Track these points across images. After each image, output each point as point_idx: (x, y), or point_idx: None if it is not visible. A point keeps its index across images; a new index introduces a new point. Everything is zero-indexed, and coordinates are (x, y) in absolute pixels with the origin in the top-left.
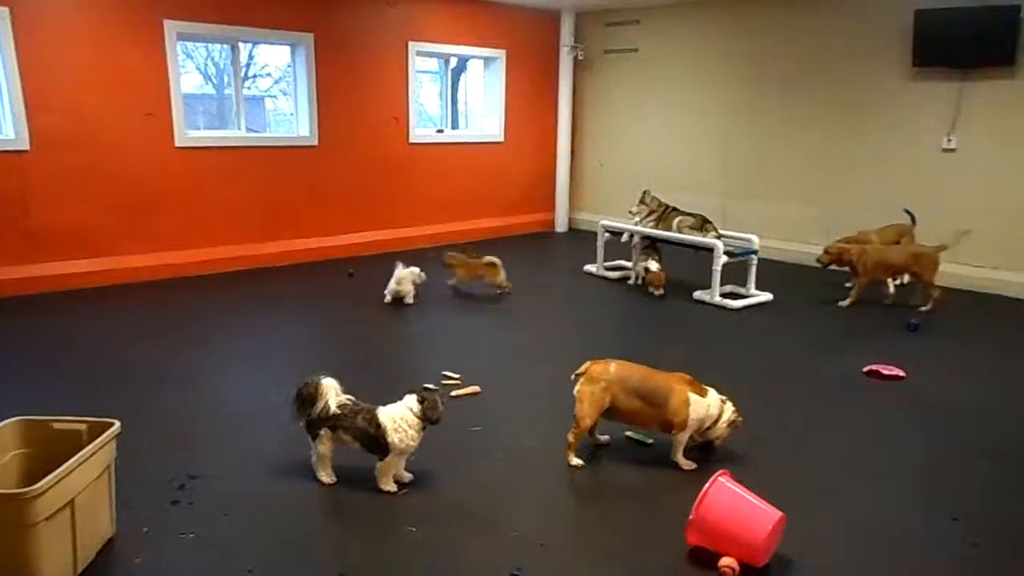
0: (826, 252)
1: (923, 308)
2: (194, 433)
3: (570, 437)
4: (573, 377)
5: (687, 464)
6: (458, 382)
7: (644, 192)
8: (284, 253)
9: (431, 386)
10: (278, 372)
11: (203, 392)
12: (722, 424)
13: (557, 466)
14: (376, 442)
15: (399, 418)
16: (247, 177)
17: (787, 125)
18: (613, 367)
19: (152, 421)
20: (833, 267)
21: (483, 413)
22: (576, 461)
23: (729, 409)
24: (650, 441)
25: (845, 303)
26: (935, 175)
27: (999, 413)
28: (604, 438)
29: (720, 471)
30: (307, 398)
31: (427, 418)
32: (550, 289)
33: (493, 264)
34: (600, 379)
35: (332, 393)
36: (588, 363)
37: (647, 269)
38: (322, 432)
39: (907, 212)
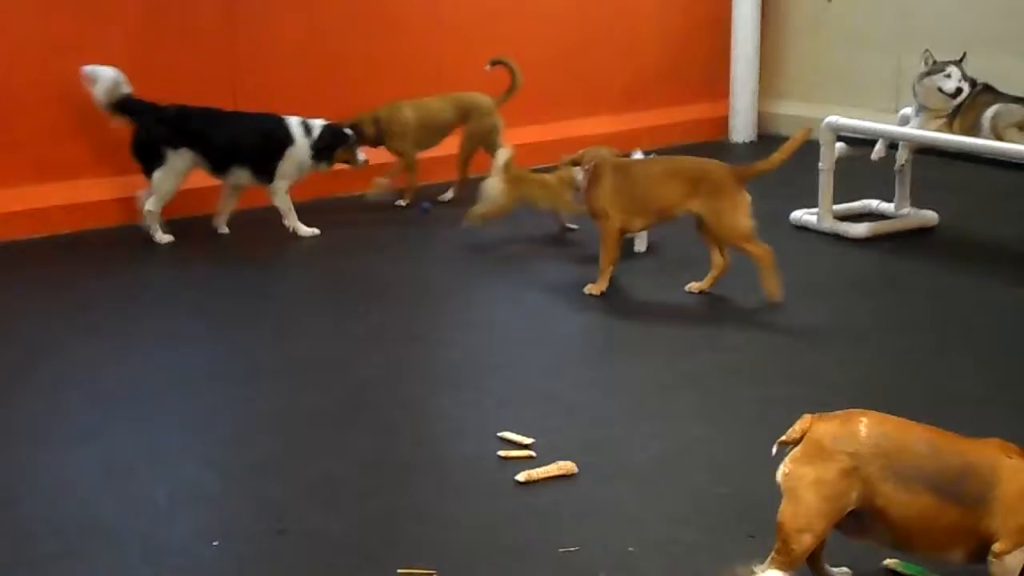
0: None
1: None
2: None
3: (769, 569)
4: (776, 447)
5: None
6: (528, 455)
7: (962, 55)
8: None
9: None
10: (127, 453)
11: None
12: None
13: None
14: None
15: None
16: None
17: None
18: (865, 426)
19: None
20: None
21: (582, 516)
22: None
23: None
24: None
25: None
26: None
27: None
28: (841, 572)
29: None
30: None
31: None
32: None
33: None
34: (838, 451)
35: None
36: (807, 418)
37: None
38: None
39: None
